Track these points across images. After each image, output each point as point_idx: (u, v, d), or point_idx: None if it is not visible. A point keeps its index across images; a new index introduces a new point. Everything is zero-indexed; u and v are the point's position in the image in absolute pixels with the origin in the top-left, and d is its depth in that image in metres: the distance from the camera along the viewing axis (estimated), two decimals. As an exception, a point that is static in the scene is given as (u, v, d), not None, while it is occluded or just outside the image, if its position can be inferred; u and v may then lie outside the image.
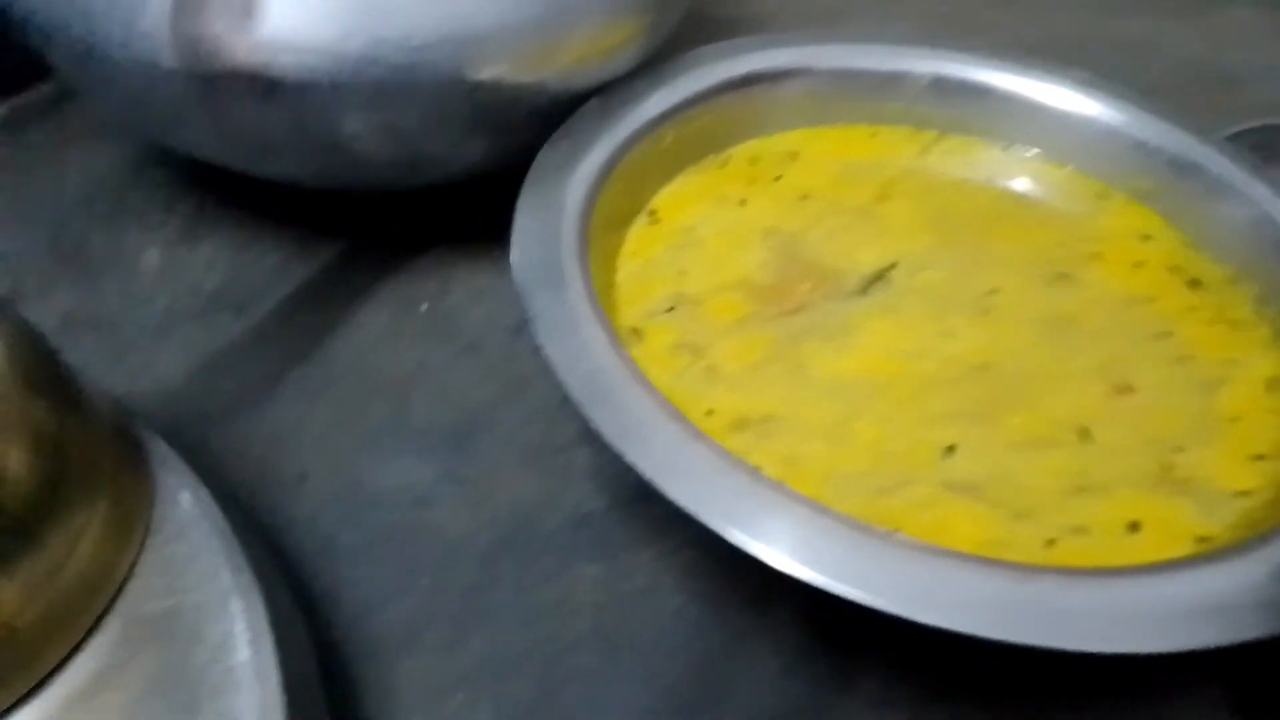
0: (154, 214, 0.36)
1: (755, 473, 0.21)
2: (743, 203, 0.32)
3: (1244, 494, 0.24)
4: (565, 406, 0.30)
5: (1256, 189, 0.30)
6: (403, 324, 0.33)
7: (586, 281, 0.26)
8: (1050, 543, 0.22)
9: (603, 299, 0.26)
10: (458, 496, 0.28)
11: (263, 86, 0.26)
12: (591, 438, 0.29)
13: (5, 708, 0.18)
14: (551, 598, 0.26)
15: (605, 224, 0.29)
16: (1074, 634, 0.18)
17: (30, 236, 0.34)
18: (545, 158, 0.29)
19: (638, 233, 0.31)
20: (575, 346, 0.24)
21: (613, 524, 0.28)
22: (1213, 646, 0.18)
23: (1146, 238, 0.31)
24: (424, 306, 0.33)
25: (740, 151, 0.34)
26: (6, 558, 0.18)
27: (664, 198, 0.32)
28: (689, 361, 0.27)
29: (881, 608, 0.19)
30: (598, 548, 0.27)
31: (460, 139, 0.30)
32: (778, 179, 0.33)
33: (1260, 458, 0.25)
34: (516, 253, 0.26)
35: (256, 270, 0.34)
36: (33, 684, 0.19)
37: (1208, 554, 0.21)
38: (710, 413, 0.25)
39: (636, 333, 0.27)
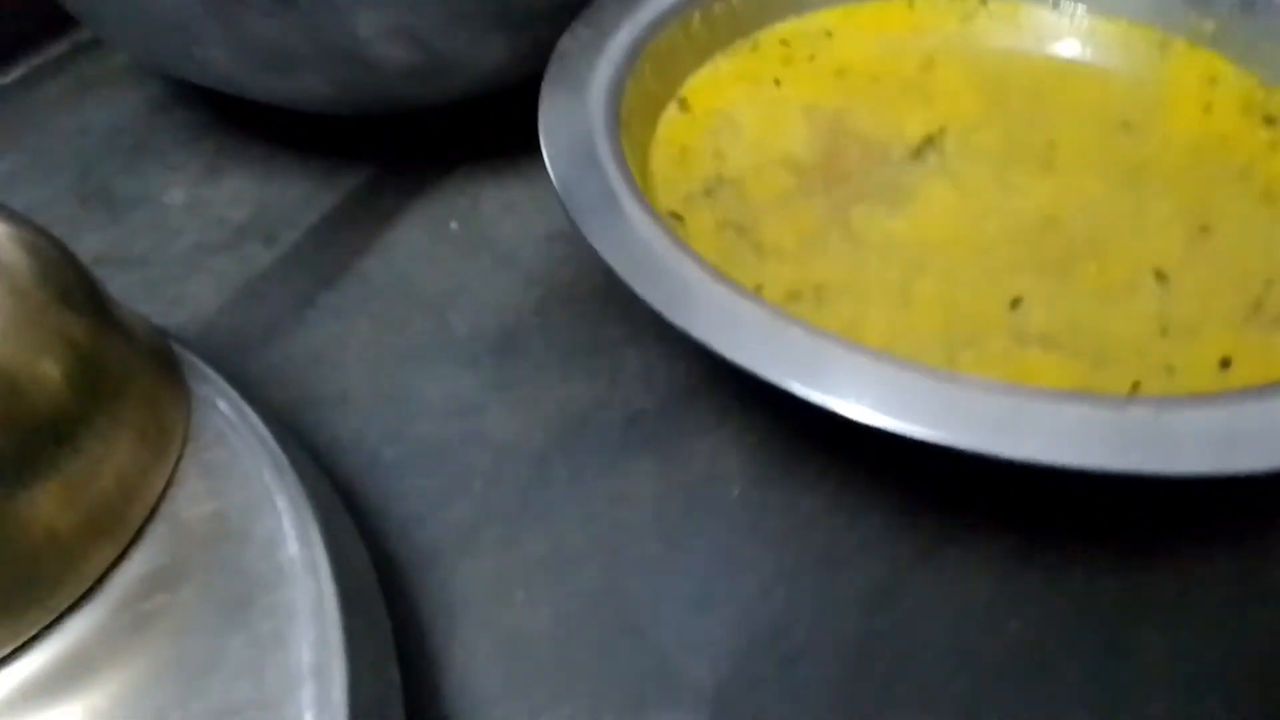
0: (176, 154, 0.35)
1: (815, 328, 0.20)
2: (778, 83, 0.30)
3: (1347, 325, 0.22)
4: (609, 308, 0.29)
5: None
6: (435, 242, 0.32)
7: (620, 162, 0.24)
8: (1136, 385, 0.21)
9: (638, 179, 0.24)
10: (504, 403, 0.27)
11: (269, -12, 0.25)
12: (639, 337, 0.28)
13: (59, 613, 0.18)
14: (609, 492, 0.25)
15: (634, 113, 0.28)
16: (1185, 458, 0.17)
17: (55, 185, 0.34)
18: (566, 45, 0.27)
19: (669, 121, 0.29)
20: (615, 225, 0.22)
21: (666, 420, 0.27)
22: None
23: (1213, 81, 0.29)
24: (454, 225, 0.32)
25: (770, 34, 0.32)
26: (43, 462, 0.18)
27: (694, 85, 0.30)
28: (734, 240, 0.25)
29: (972, 449, 0.17)
30: (652, 443, 0.26)
31: (479, 37, 0.29)
32: (812, 58, 0.31)
33: (1360, 287, 0.23)
34: (546, 138, 0.25)
35: (283, 201, 0.33)
36: (83, 589, 0.18)
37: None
38: (759, 287, 0.24)
39: (676, 217, 0.26)
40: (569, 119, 0.25)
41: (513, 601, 0.23)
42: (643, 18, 0.29)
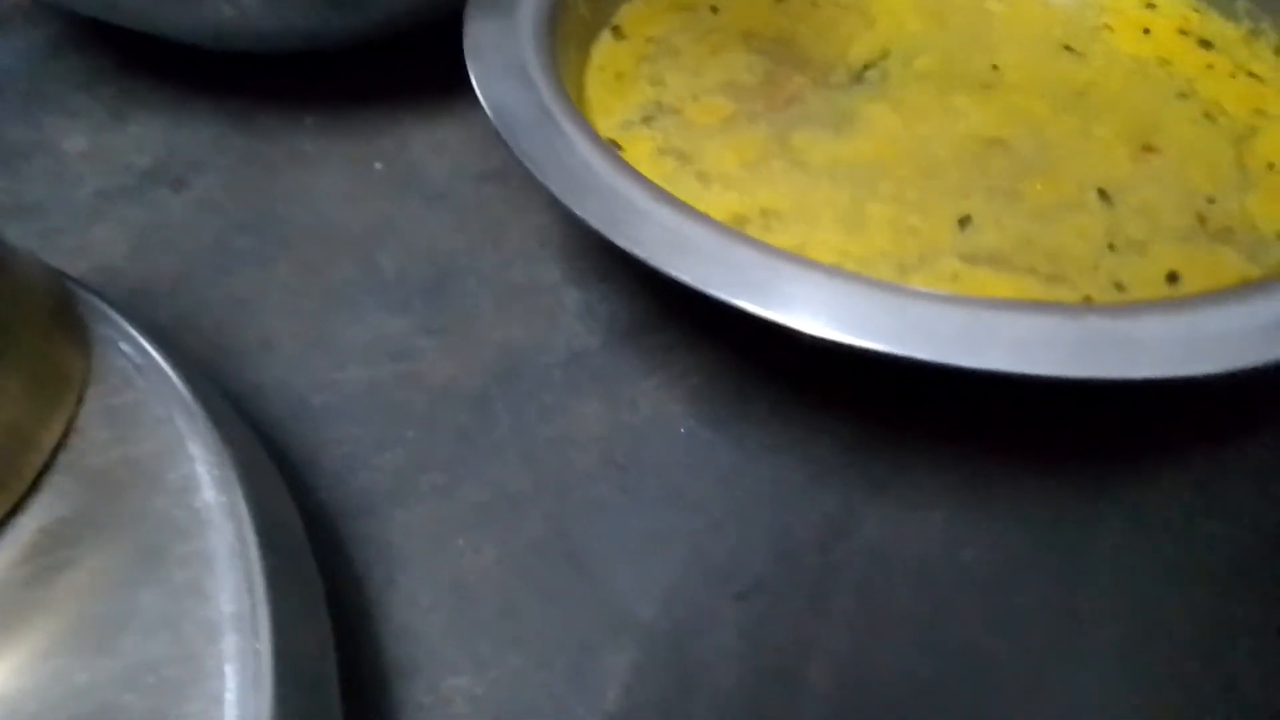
0: (75, 100, 0.33)
1: (765, 246, 0.19)
2: (715, 10, 0.29)
3: (1289, 236, 0.22)
4: (547, 246, 0.28)
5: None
6: (359, 183, 0.30)
7: (555, 82, 0.23)
8: (1086, 299, 0.20)
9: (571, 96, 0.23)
10: (438, 347, 0.26)
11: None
12: (579, 276, 0.27)
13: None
14: (552, 435, 0.24)
15: (567, 40, 0.26)
16: (1144, 363, 0.16)
17: (-60, 131, 0.31)
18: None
19: (603, 48, 0.28)
20: (552, 145, 0.21)
21: (609, 360, 0.25)
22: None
23: (1150, 5, 0.29)
24: (379, 165, 0.31)
25: (707, -38, 0.31)
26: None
27: (627, 13, 0.29)
28: (675, 167, 0.24)
29: (933, 360, 0.16)
30: (596, 384, 0.25)
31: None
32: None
33: (1302, 200, 0.23)
34: (472, 58, 0.23)
35: (192, 144, 0.31)
36: (-28, 543, 0.16)
37: (1261, 282, 0.19)
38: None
39: (614, 144, 0.25)
40: (498, 41, 0.24)
41: (453, 549, 0.22)
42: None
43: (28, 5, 0.35)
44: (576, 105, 0.25)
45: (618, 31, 0.28)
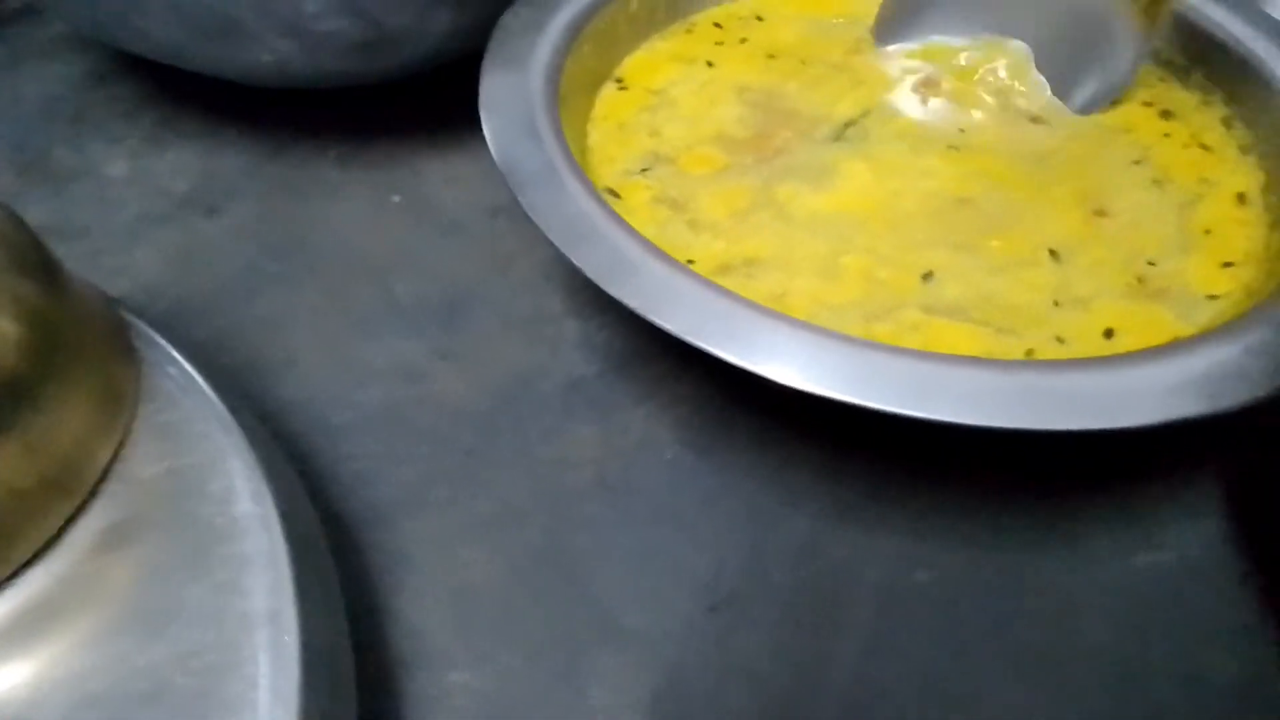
0: (116, 126, 0.35)
1: (743, 299, 0.21)
2: (711, 65, 0.32)
3: (1216, 297, 0.24)
4: (551, 279, 0.31)
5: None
6: (379, 214, 0.33)
7: (560, 137, 0.25)
8: (1029, 352, 0.23)
9: (575, 153, 0.25)
10: (449, 370, 0.28)
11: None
12: (579, 309, 0.30)
13: (18, 565, 0.18)
14: (551, 455, 0.26)
15: (573, 90, 0.29)
16: (1066, 415, 0.19)
17: (-8, 154, 0.34)
18: (509, 23, 0.28)
19: (607, 98, 0.30)
20: (555, 198, 0.24)
21: (604, 387, 0.28)
22: (1197, 416, 0.19)
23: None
24: (396, 198, 0.33)
25: (705, 17, 0.33)
26: (2, 421, 0.18)
27: (631, 64, 0.31)
28: (669, 215, 0.27)
29: (882, 408, 0.19)
30: (592, 409, 0.27)
31: (422, 14, 0.30)
32: (744, 41, 0.33)
33: (1230, 264, 0.25)
34: (487, 113, 0.26)
35: (226, 172, 0.34)
36: (41, 542, 0.19)
37: (1186, 340, 0.21)
38: (691, 261, 0.25)
39: (613, 193, 0.27)
40: (510, 95, 0.26)
41: (458, 557, 0.24)
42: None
43: (73, 35, 0.38)
44: (581, 154, 0.28)
45: (620, 82, 0.31)
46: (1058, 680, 0.22)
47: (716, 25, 0.33)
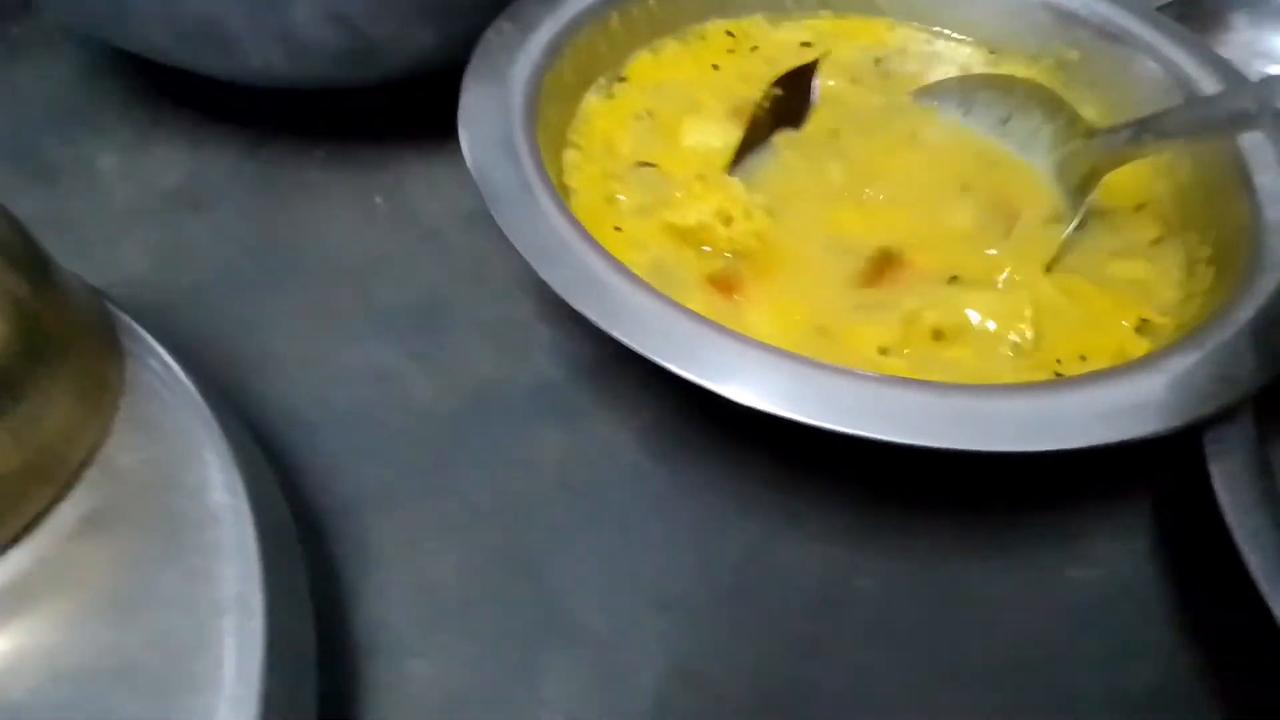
0: (108, 120, 0.36)
1: (702, 318, 0.22)
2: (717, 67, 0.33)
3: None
4: (524, 287, 0.32)
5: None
6: (360, 215, 0.34)
7: (535, 155, 0.27)
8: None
9: (550, 169, 0.27)
10: (421, 372, 0.29)
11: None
12: (549, 315, 0.31)
13: (1, 544, 0.19)
14: (516, 457, 0.27)
15: (551, 103, 0.30)
16: (993, 437, 0.20)
17: (-15, 145, 0.35)
18: (490, 39, 0.30)
19: (588, 110, 0.32)
20: (526, 212, 0.25)
21: (571, 393, 0.29)
22: (1129, 439, 0.20)
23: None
24: (379, 200, 0.34)
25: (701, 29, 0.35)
26: (-8, 410, 0.19)
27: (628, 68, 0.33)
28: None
29: (820, 425, 0.20)
30: (558, 414, 0.28)
31: (407, 26, 0.31)
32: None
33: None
34: (465, 128, 0.27)
35: (213, 169, 0.35)
36: (21, 526, 0.20)
37: (1116, 368, 0.22)
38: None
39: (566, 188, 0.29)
40: (489, 111, 0.28)
41: (422, 551, 0.25)
42: (564, 15, 0.31)
43: (69, 29, 0.39)
44: (555, 168, 0.29)
45: (609, 93, 0.32)
46: (989, 686, 0.24)
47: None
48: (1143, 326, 0.26)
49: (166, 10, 0.29)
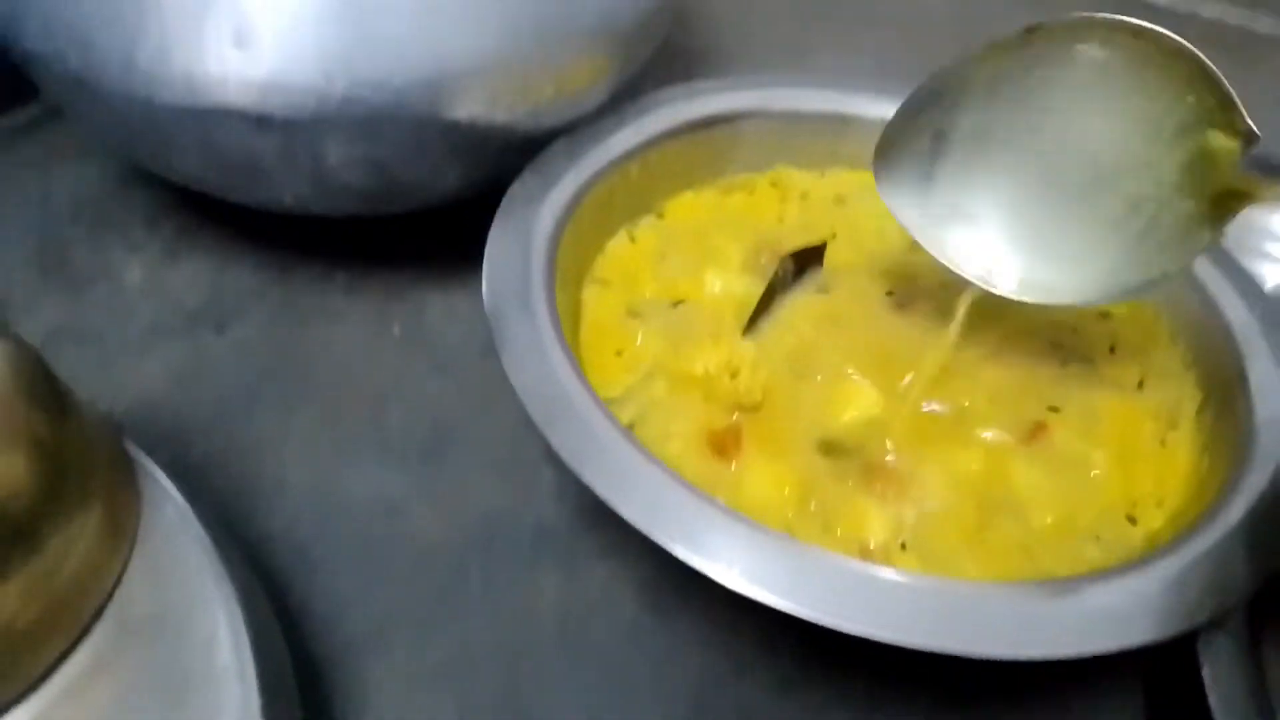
0: (138, 232, 0.37)
1: (699, 491, 0.23)
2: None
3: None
4: (531, 425, 0.32)
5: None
6: (378, 343, 0.35)
7: (553, 310, 0.27)
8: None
9: (565, 324, 0.28)
10: (428, 508, 0.30)
11: (252, 122, 0.28)
12: (555, 457, 0.31)
13: (3, 704, 0.20)
14: (515, 604, 0.28)
15: (570, 257, 0.31)
16: (975, 640, 0.20)
17: (17, 251, 0.36)
18: (516, 192, 0.31)
19: (613, 254, 0.33)
20: (538, 370, 0.26)
21: (574, 538, 0.29)
22: (1114, 650, 0.20)
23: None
24: (397, 328, 0.35)
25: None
26: (6, 562, 0.20)
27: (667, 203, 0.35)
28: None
29: (801, 615, 0.21)
30: (559, 559, 0.29)
31: (435, 171, 0.32)
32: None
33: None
34: (487, 282, 0.28)
35: (237, 289, 0.36)
36: (30, 682, 0.20)
37: (1105, 571, 0.23)
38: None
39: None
40: (510, 264, 0.29)
41: (418, 702, 0.25)
42: (586, 167, 0.32)
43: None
44: (572, 320, 0.30)
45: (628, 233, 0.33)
46: None
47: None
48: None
49: (202, 143, 0.30)
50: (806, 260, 0.32)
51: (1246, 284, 0.31)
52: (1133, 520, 0.26)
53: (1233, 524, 0.24)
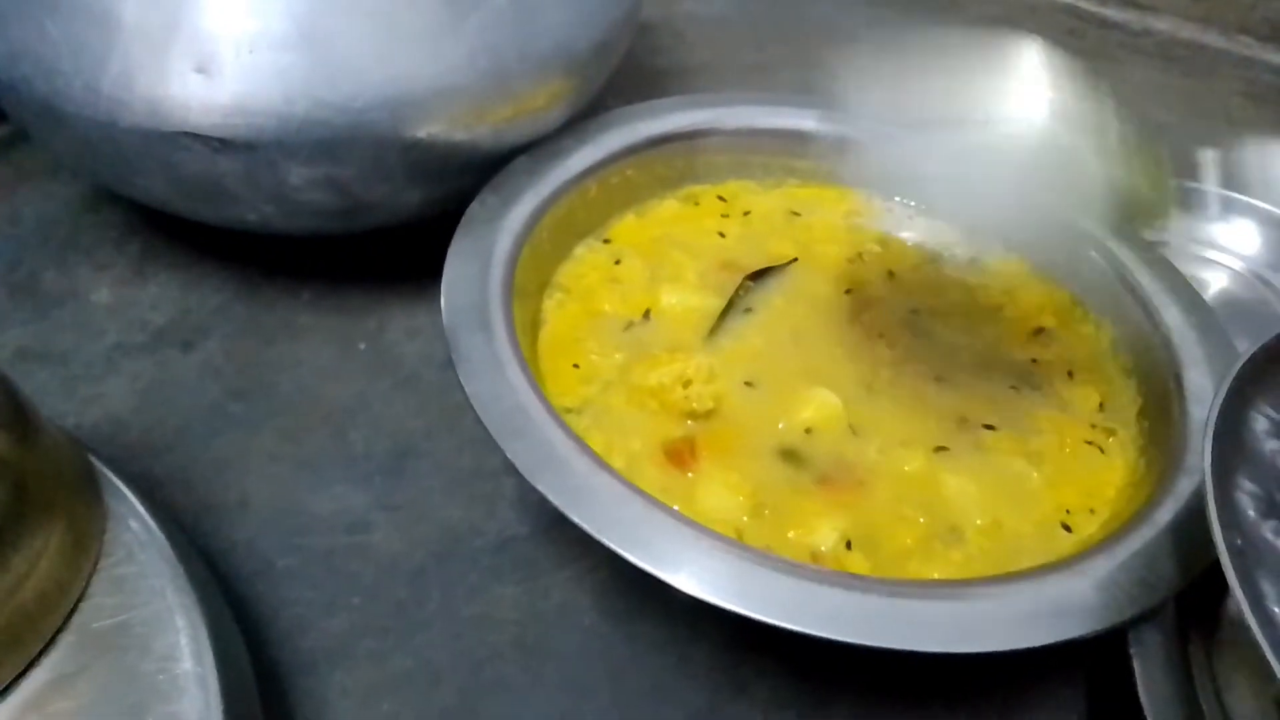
0: (104, 252, 0.38)
1: (655, 500, 0.24)
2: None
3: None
4: (491, 438, 0.33)
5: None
6: (343, 360, 0.35)
7: (510, 328, 0.28)
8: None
9: (524, 338, 0.28)
10: (390, 521, 0.30)
11: (214, 145, 0.28)
12: (514, 468, 0.32)
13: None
14: (475, 614, 0.28)
15: (529, 277, 0.32)
16: (916, 637, 0.21)
17: (-17, 273, 0.36)
18: (475, 212, 0.32)
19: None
20: (496, 387, 0.26)
21: (533, 547, 0.30)
22: (1052, 643, 0.21)
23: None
24: (362, 345, 0.36)
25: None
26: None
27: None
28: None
29: (754, 617, 0.21)
30: (519, 569, 0.30)
31: (397, 190, 0.33)
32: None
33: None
34: (446, 299, 0.28)
35: (203, 308, 0.36)
36: (-10, 696, 0.21)
37: (1042, 568, 0.24)
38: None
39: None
40: (469, 287, 0.29)
41: (378, 712, 0.26)
42: (544, 188, 0.33)
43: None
44: (531, 338, 0.30)
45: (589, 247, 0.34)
46: None
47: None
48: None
49: (166, 166, 0.31)
50: (765, 278, 0.33)
51: (1187, 292, 0.32)
52: (1068, 528, 0.27)
53: (1162, 525, 0.25)
